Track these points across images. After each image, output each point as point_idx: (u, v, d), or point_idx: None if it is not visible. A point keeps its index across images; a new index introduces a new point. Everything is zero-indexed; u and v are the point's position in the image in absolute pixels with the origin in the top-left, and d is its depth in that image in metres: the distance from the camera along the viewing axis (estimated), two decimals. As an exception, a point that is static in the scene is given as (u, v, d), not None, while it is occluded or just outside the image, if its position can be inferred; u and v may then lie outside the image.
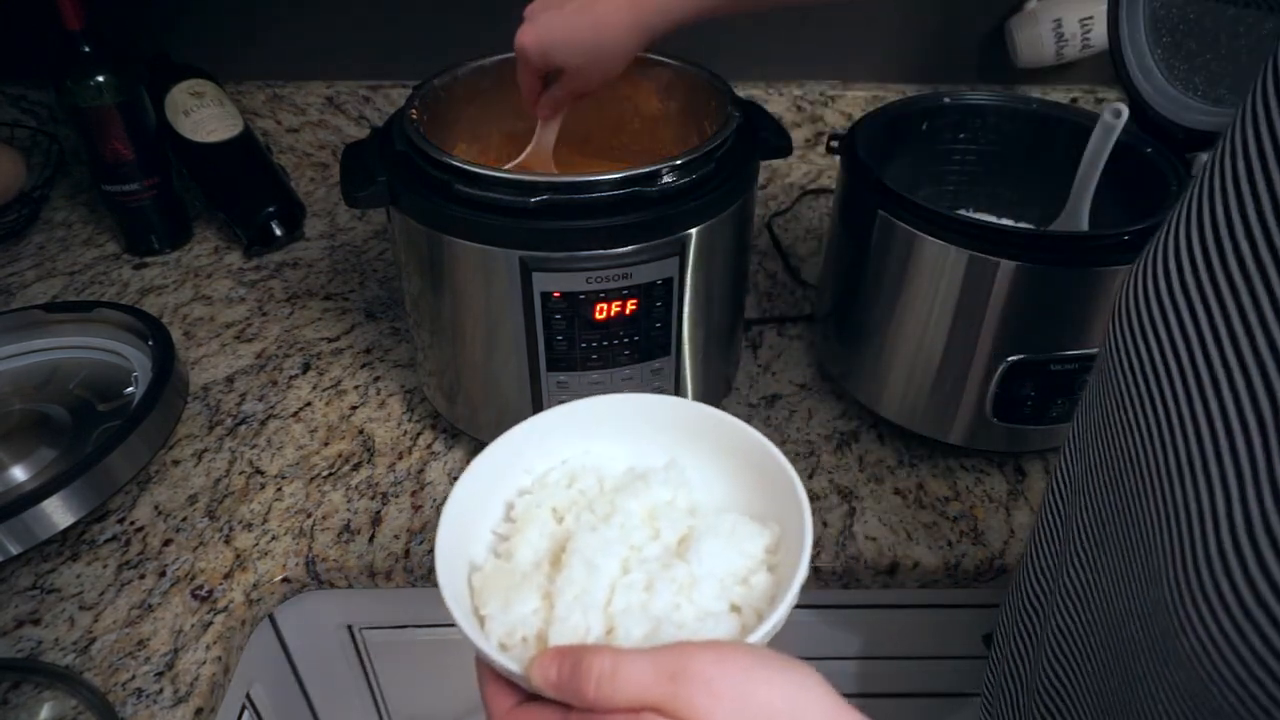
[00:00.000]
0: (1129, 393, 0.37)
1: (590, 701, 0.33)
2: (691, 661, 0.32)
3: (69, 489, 0.66)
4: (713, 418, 0.45)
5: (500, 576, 0.41)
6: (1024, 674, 0.51)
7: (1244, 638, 0.29)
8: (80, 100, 0.93)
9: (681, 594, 0.39)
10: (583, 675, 0.33)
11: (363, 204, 0.65)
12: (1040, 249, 0.65)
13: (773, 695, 0.32)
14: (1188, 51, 0.74)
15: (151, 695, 0.60)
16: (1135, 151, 0.73)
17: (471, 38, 1.11)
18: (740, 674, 0.32)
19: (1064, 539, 0.46)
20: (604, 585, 0.39)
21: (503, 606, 0.39)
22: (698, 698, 0.31)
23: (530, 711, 0.35)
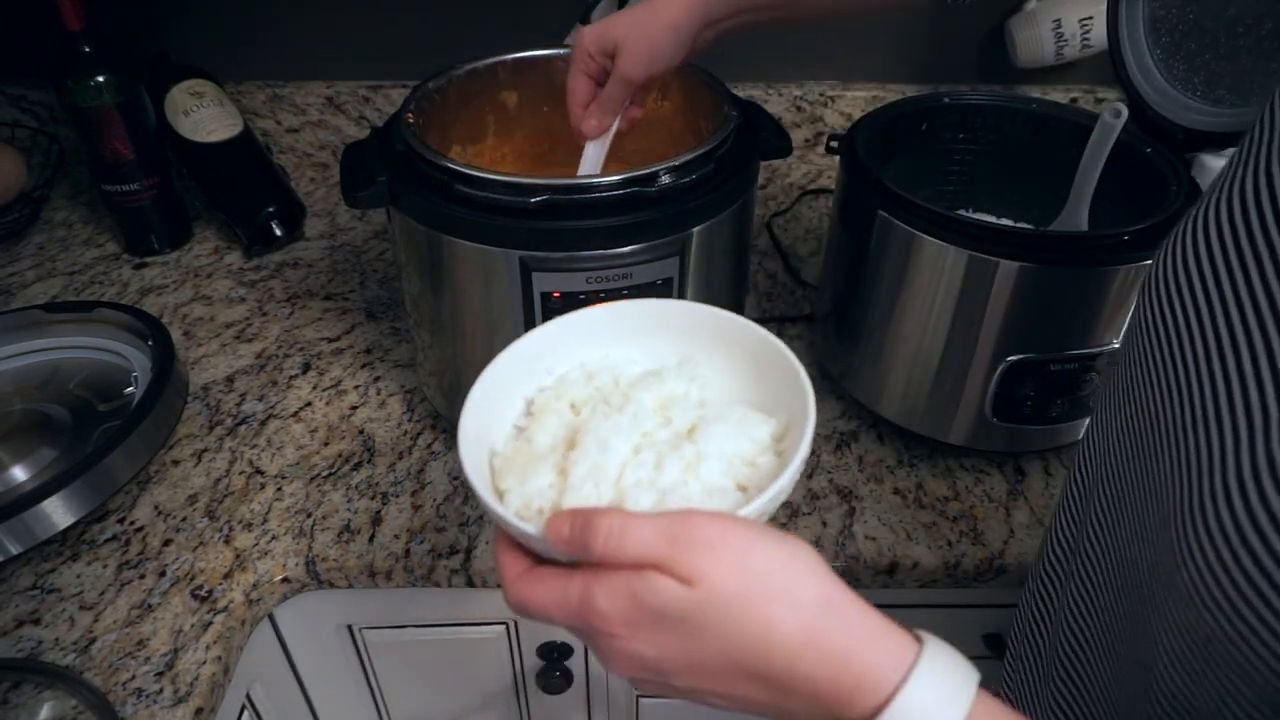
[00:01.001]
0: (1155, 355, 0.39)
1: (598, 556, 0.34)
2: (695, 527, 0.34)
3: (69, 489, 0.66)
4: (724, 318, 0.46)
5: (519, 456, 0.43)
6: (1043, 643, 0.52)
7: (1238, 562, 0.30)
8: (80, 100, 0.93)
9: (689, 471, 0.40)
10: (592, 532, 0.34)
11: (363, 204, 0.65)
12: (1040, 249, 0.65)
13: (769, 564, 0.34)
14: (1187, 51, 0.74)
15: (151, 695, 0.60)
16: (1135, 151, 0.73)
17: (471, 38, 1.11)
18: (740, 542, 0.34)
19: (1084, 510, 0.48)
20: (615, 463, 0.41)
21: (520, 481, 0.41)
22: (698, 560, 0.33)
23: (540, 572, 0.37)
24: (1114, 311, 0.67)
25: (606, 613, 0.34)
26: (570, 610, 0.36)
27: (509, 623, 0.79)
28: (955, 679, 0.33)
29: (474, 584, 0.70)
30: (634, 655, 0.35)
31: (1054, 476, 0.77)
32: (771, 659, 0.33)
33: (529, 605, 0.37)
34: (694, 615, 0.33)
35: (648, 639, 0.34)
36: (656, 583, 0.34)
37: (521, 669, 0.84)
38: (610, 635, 0.35)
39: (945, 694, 0.32)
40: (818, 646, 0.33)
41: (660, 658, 0.35)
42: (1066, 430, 0.75)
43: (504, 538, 0.40)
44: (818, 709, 0.33)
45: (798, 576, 0.34)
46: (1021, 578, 0.70)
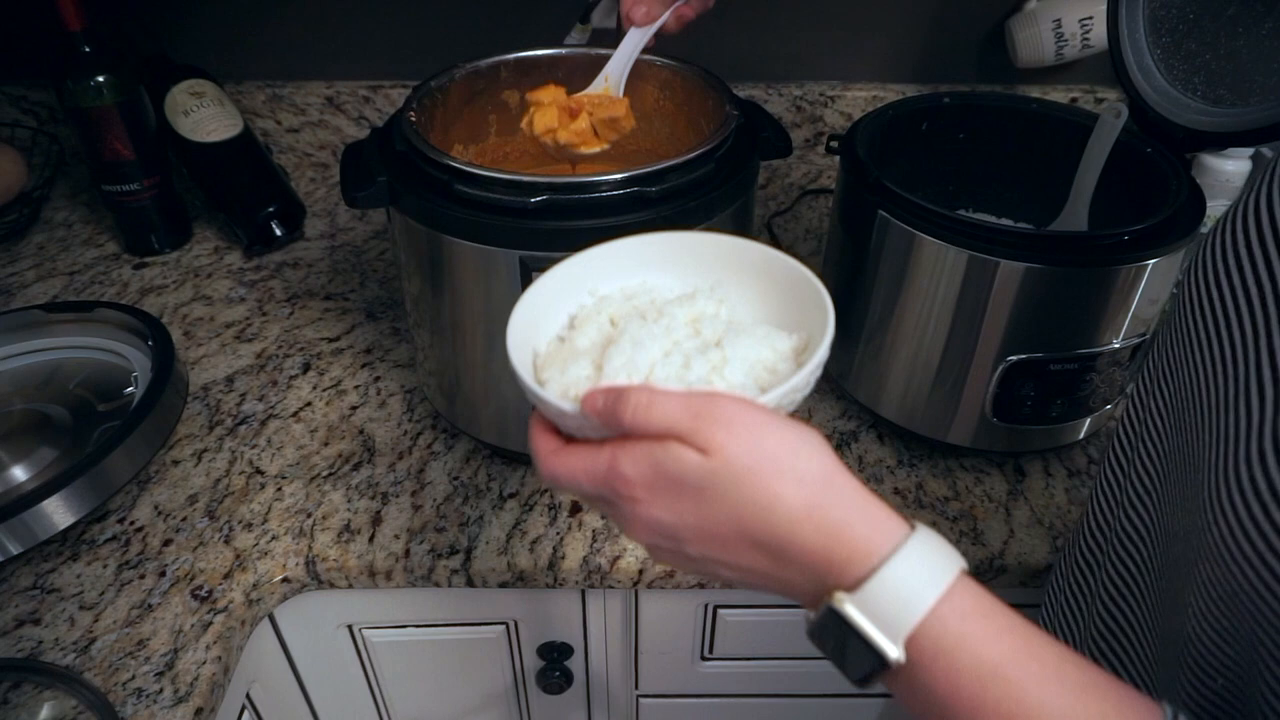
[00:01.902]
0: (1200, 334, 0.41)
1: (626, 425, 0.37)
2: (716, 404, 0.37)
3: (69, 489, 0.66)
4: (752, 247, 0.50)
5: (559, 353, 0.47)
6: (1079, 625, 0.53)
7: (1269, 517, 0.32)
8: (80, 100, 0.93)
9: (714, 372, 0.43)
10: (622, 403, 0.38)
11: (363, 204, 0.65)
12: (1040, 249, 0.65)
13: (780, 442, 0.36)
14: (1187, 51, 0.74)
15: (151, 695, 0.60)
16: (1135, 151, 0.73)
17: (471, 38, 1.12)
18: (755, 421, 0.37)
19: (1123, 488, 0.49)
20: (647, 360, 0.44)
21: (560, 371, 0.45)
22: (717, 433, 0.36)
23: (571, 447, 0.41)
24: (1114, 311, 0.67)
25: (631, 478, 0.38)
26: (598, 477, 0.39)
27: (509, 623, 0.79)
28: (939, 561, 0.35)
29: (474, 584, 0.70)
30: (653, 520, 0.38)
31: (1054, 476, 0.77)
32: (775, 528, 0.36)
33: (559, 476, 0.40)
34: (708, 483, 0.36)
35: (666, 505, 0.37)
36: (677, 451, 0.37)
37: (521, 669, 0.84)
38: (633, 500, 0.38)
39: (926, 573, 0.35)
40: (817, 519, 0.36)
41: (677, 523, 0.38)
42: (1066, 430, 0.75)
43: (538, 420, 0.43)
44: (812, 578, 0.36)
45: (805, 456, 0.37)
46: (1022, 578, 0.70)
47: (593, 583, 0.71)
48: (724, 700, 0.88)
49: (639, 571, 0.70)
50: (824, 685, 0.86)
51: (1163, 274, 0.67)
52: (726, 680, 0.86)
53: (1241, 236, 0.39)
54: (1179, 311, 0.44)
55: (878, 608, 0.35)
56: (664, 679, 0.86)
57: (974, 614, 0.35)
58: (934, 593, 0.34)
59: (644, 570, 0.70)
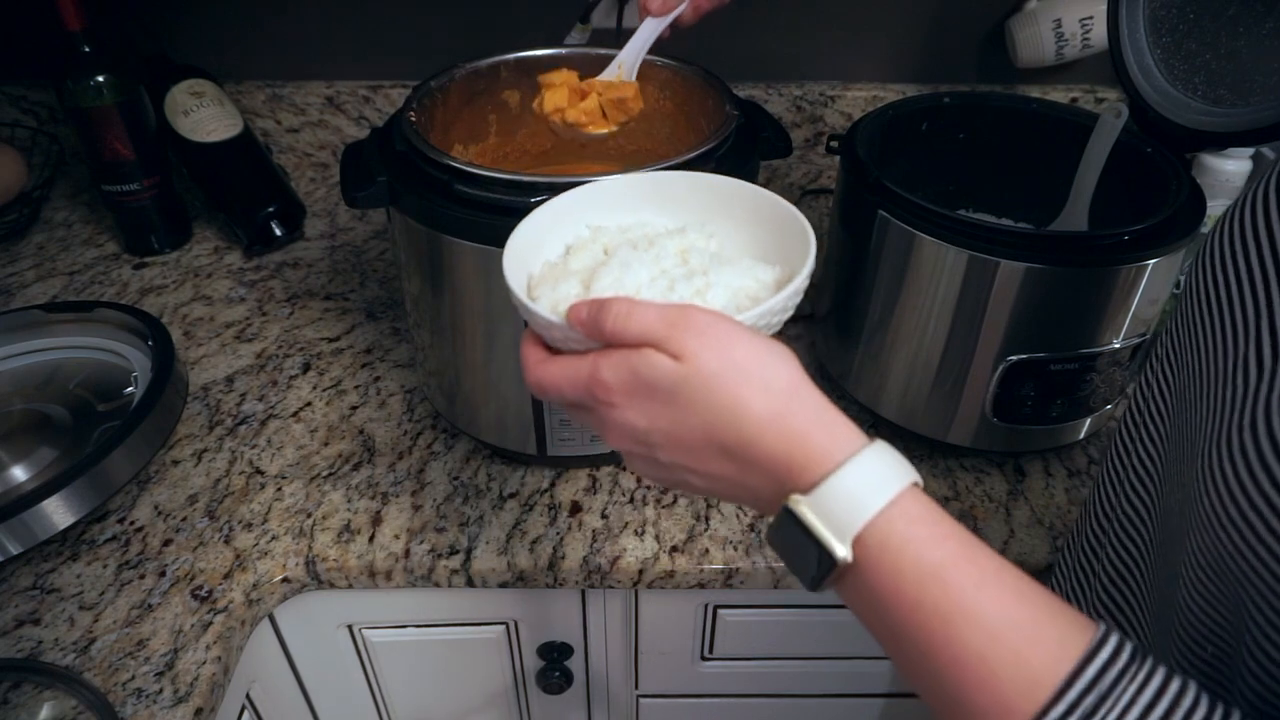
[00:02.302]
0: (1204, 317, 0.42)
1: (606, 335, 0.40)
2: (690, 315, 0.39)
3: (69, 489, 0.66)
4: (746, 188, 0.52)
5: (552, 272, 0.49)
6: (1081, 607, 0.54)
7: (1256, 483, 0.33)
8: (80, 100, 0.93)
9: (697, 295, 0.45)
10: (604, 313, 0.40)
11: (363, 204, 0.65)
12: (1040, 249, 0.65)
13: (749, 352, 0.38)
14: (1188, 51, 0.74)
15: (151, 695, 0.60)
16: (1135, 151, 0.73)
17: (471, 38, 1.12)
18: (727, 333, 0.39)
19: (1126, 471, 0.50)
20: (633, 282, 0.46)
21: (551, 289, 0.47)
22: (689, 341, 0.38)
23: (556, 357, 0.43)
24: (1114, 311, 0.67)
25: (609, 383, 0.40)
26: (579, 383, 0.41)
27: (509, 623, 0.79)
28: (891, 471, 0.37)
29: (474, 584, 0.70)
30: (628, 424, 0.40)
31: (1054, 476, 0.77)
32: (741, 433, 0.38)
33: (544, 383, 0.43)
34: (680, 388, 0.38)
35: (641, 408, 0.39)
36: (652, 358, 0.39)
37: (521, 669, 0.84)
38: (610, 405, 0.40)
39: (878, 480, 0.36)
40: (779, 426, 0.37)
41: (650, 428, 0.40)
42: (1066, 430, 0.75)
43: (529, 334, 0.45)
44: (774, 483, 0.38)
45: (772, 367, 0.38)
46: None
47: (593, 583, 0.71)
48: (724, 700, 0.88)
49: (639, 571, 0.70)
50: (824, 685, 0.86)
51: (1163, 274, 0.67)
52: (726, 680, 0.86)
53: (1249, 223, 0.40)
54: (1184, 300, 0.45)
55: (829, 509, 0.36)
56: (664, 679, 0.86)
57: (919, 520, 0.36)
58: (883, 498, 0.36)
59: (644, 570, 0.70)
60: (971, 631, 0.33)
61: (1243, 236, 0.40)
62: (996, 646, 0.33)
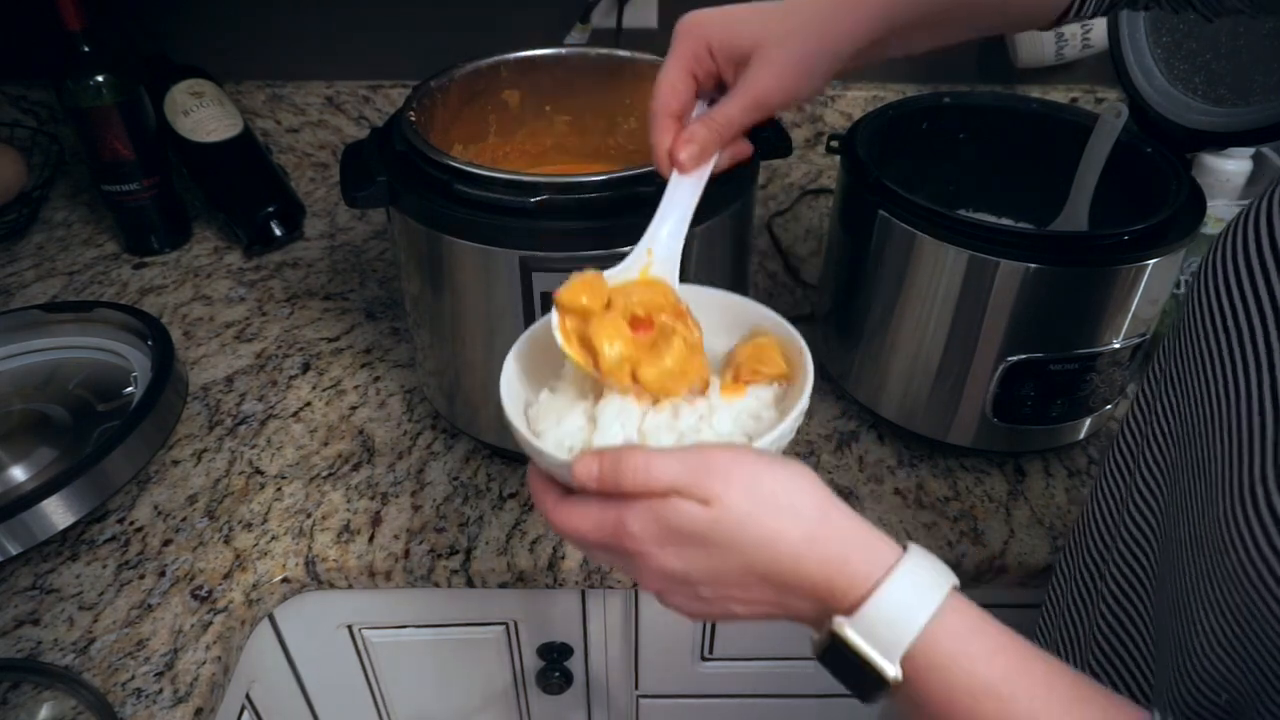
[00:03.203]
0: (1208, 343, 0.41)
1: (628, 491, 0.39)
2: (710, 457, 0.39)
3: (69, 489, 0.66)
4: (732, 298, 0.52)
5: (553, 404, 0.48)
6: (1079, 629, 0.54)
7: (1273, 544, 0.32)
8: (80, 100, 0.93)
9: (702, 421, 0.45)
10: (621, 470, 0.39)
11: (363, 204, 0.65)
12: (1040, 249, 0.65)
13: (774, 483, 0.39)
14: (1188, 51, 0.74)
15: (151, 695, 0.60)
16: (1135, 151, 0.73)
17: (471, 38, 1.11)
18: (749, 466, 0.39)
19: (1126, 492, 0.50)
20: (638, 409, 0.45)
21: (555, 423, 0.46)
22: (715, 484, 0.38)
23: (575, 500, 0.42)
24: (1114, 311, 0.67)
25: (638, 535, 0.39)
26: (605, 535, 0.40)
27: (509, 623, 0.79)
28: (929, 582, 0.37)
29: (474, 584, 0.70)
30: (663, 569, 0.40)
31: (1054, 476, 0.77)
32: (779, 562, 0.38)
33: (566, 529, 0.42)
34: (713, 530, 0.38)
35: (675, 554, 0.39)
36: (680, 506, 0.38)
37: (521, 669, 0.84)
38: (641, 554, 0.40)
39: (917, 594, 0.37)
40: (816, 552, 0.38)
41: (688, 569, 0.39)
42: (1067, 430, 0.75)
43: (535, 471, 0.44)
44: (817, 605, 0.39)
45: (799, 493, 0.39)
46: (1022, 578, 0.70)
47: (593, 583, 0.71)
48: (724, 700, 0.88)
49: (639, 571, 0.70)
50: (824, 686, 0.86)
51: (1163, 274, 0.67)
52: (726, 680, 0.86)
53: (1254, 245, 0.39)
54: (1187, 317, 0.44)
55: (874, 630, 0.36)
56: (664, 679, 0.86)
57: (965, 632, 0.36)
58: (925, 613, 0.36)
59: (644, 570, 0.70)
60: None
61: (1247, 259, 0.39)
62: None
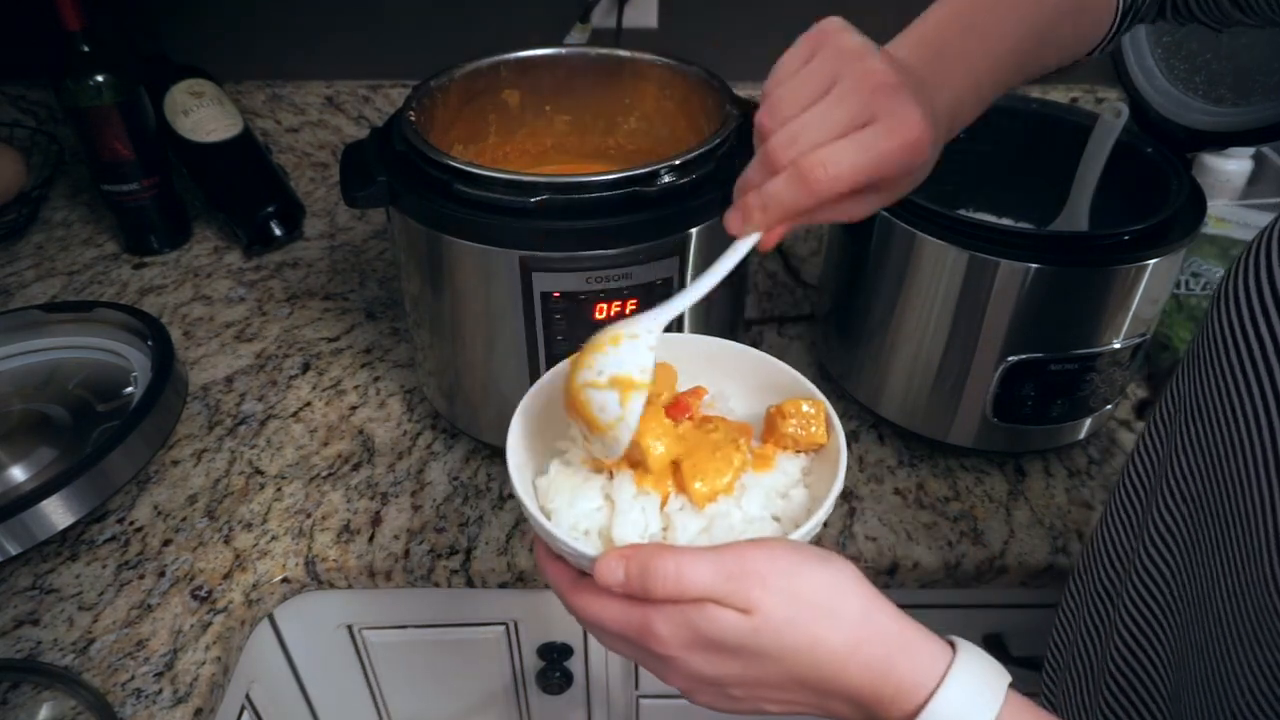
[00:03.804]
0: (1236, 379, 0.39)
1: (658, 598, 0.37)
2: (746, 560, 0.37)
3: (68, 489, 0.66)
4: (755, 356, 0.50)
5: (564, 478, 0.45)
6: (1093, 659, 0.53)
7: None
8: (80, 100, 0.93)
9: (731, 502, 0.43)
10: (651, 578, 0.37)
11: (362, 204, 0.65)
12: (1040, 249, 0.65)
13: (814, 586, 0.37)
14: (1188, 51, 0.74)
15: (151, 695, 0.60)
16: (1135, 151, 0.73)
17: (471, 38, 1.11)
18: (787, 568, 0.37)
19: (1141, 521, 0.48)
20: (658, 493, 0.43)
21: (569, 503, 0.43)
22: (753, 591, 0.36)
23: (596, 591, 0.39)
24: (1114, 311, 0.67)
25: (666, 639, 0.37)
26: (630, 634, 0.38)
27: (509, 623, 0.79)
28: (986, 682, 0.35)
29: (474, 584, 0.70)
30: (694, 674, 0.38)
31: (1054, 476, 0.77)
32: (821, 670, 0.36)
33: (586, 617, 0.40)
34: (751, 641, 0.36)
35: (707, 660, 0.37)
36: (715, 614, 0.36)
37: (521, 669, 0.84)
38: (669, 659, 0.38)
39: (976, 697, 0.35)
40: (861, 657, 0.36)
41: (720, 676, 0.38)
42: (1067, 430, 0.75)
43: (543, 547, 0.42)
44: (861, 711, 0.37)
45: (840, 595, 0.37)
46: (1022, 578, 0.70)
47: (593, 583, 0.71)
48: (724, 700, 0.88)
49: (639, 572, 0.70)
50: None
51: (1163, 274, 0.67)
52: (726, 680, 0.86)
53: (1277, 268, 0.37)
54: (1207, 345, 0.42)
55: None
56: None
57: None
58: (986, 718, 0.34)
59: (644, 570, 0.70)
60: None
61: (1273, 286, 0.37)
62: None
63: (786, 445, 0.46)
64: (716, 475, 0.43)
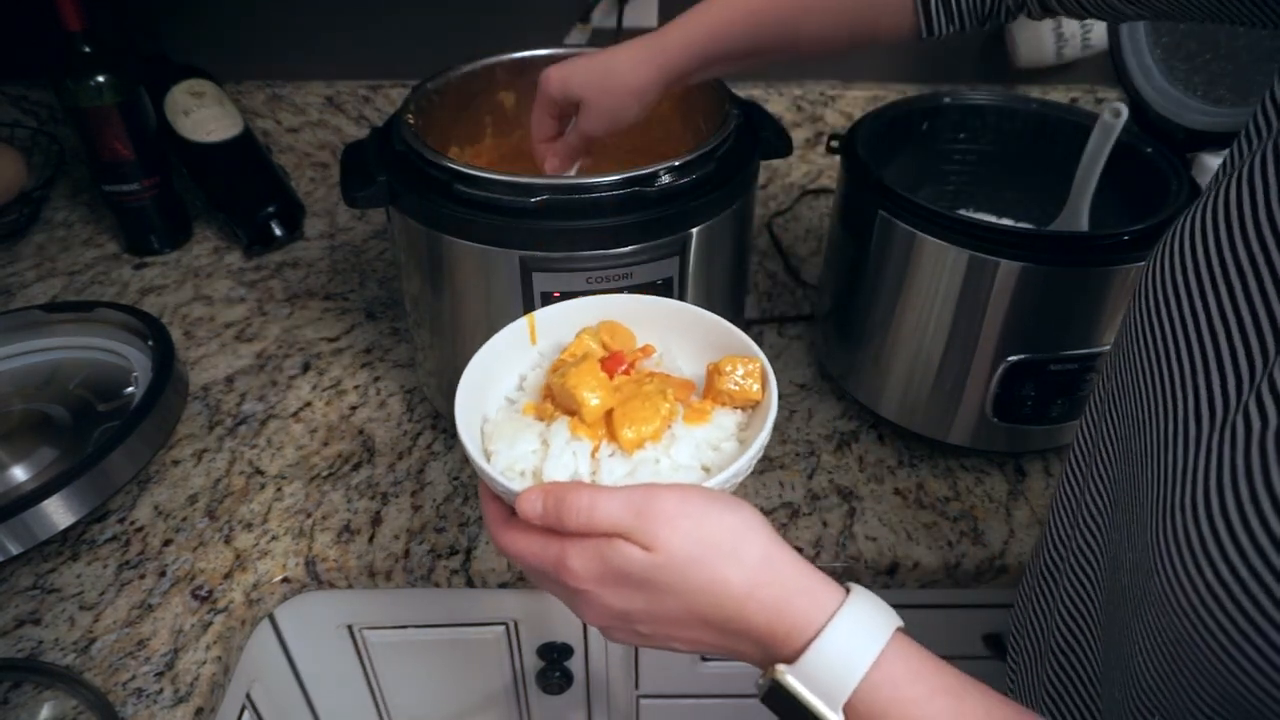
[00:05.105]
0: (1142, 364, 0.41)
1: (570, 531, 0.39)
2: (655, 500, 0.39)
3: (69, 489, 0.66)
4: (696, 313, 0.51)
5: (507, 423, 0.47)
6: (1039, 639, 0.54)
7: (1201, 573, 0.33)
8: (80, 100, 0.93)
9: (660, 450, 0.45)
10: (565, 509, 0.39)
11: (362, 204, 0.65)
12: (1040, 249, 0.65)
13: (720, 529, 0.39)
14: (1188, 51, 0.75)
15: (151, 695, 0.60)
16: (1135, 151, 0.73)
17: (471, 38, 1.11)
18: (695, 511, 0.39)
19: (1078, 506, 0.50)
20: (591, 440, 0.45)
21: (509, 445, 0.45)
22: (660, 529, 0.38)
23: (522, 526, 0.42)
24: (1114, 311, 0.67)
25: (578, 572, 0.40)
26: (547, 567, 0.41)
27: (509, 623, 0.79)
28: (871, 627, 0.37)
29: (474, 584, 0.70)
30: (603, 607, 0.40)
31: (1054, 476, 0.77)
32: (722, 609, 0.38)
33: (510, 552, 0.42)
34: (655, 577, 0.38)
35: (615, 594, 0.40)
36: (622, 549, 0.38)
37: (521, 669, 0.84)
38: (581, 592, 0.40)
39: (860, 641, 0.37)
40: (759, 598, 0.38)
41: (627, 610, 0.40)
42: (1066, 430, 0.75)
43: (484, 487, 0.44)
44: (759, 650, 0.39)
45: (744, 539, 0.39)
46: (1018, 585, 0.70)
47: (593, 583, 0.71)
48: (724, 700, 0.88)
49: (639, 571, 0.70)
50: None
51: (1163, 274, 0.67)
52: (726, 680, 0.86)
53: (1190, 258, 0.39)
54: (1127, 329, 0.44)
55: (816, 678, 0.37)
56: (664, 679, 0.86)
57: (908, 678, 0.37)
58: (866, 661, 0.36)
59: (644, 570, 0.70)
60: None
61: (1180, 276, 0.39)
62: None
63: (724, 400, 0.48)
64: (644, 423, 0.45)
